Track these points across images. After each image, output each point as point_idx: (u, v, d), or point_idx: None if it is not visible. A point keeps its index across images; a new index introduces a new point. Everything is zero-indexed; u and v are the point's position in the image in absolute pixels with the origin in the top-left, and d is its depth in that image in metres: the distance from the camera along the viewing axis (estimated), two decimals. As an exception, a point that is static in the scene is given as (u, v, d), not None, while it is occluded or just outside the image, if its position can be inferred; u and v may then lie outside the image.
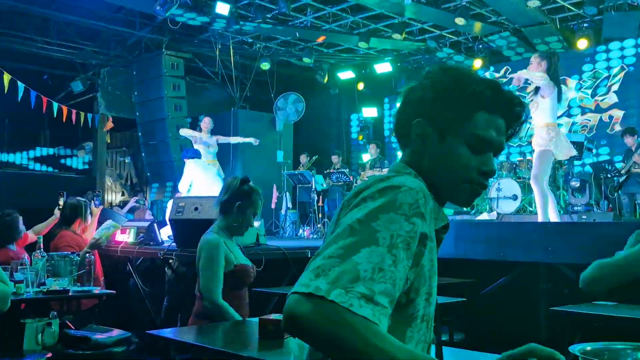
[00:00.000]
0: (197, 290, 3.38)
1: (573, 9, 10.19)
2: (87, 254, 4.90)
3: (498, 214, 8.73)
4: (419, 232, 1.13)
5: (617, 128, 10.52)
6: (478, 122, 1.27)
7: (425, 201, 1.15)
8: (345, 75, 13.89)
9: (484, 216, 8.76)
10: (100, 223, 6.41)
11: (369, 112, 14.21)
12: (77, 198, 5.73)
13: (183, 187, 8.87)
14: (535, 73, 6.10)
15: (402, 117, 1.35)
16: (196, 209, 5.32)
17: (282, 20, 11.29)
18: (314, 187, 10.91)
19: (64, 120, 11.49)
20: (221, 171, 9.58)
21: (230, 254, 3.32)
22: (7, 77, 10.03)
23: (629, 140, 8.92)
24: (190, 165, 8.94)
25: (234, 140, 10.34)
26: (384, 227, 1.08)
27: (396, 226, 1.09)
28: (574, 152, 6.77)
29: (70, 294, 4.48)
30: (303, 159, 12.19)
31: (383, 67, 13.12)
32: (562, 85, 6.49)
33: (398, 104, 1.39)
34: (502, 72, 12.16)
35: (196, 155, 9.06)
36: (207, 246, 3.27)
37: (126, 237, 6.22)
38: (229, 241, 3.38)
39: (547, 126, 6.07)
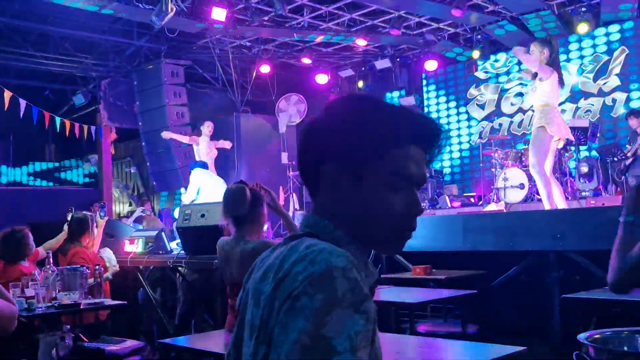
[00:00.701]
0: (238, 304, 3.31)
1: (570, -7, 10.16)
2: (97, 266, 4.93)
3: (506, 203, 8.69)
4: (372, 316, 0.98)
5: (621, 111, 10.47)
6: (395, 157, 1.12)
7: (359, 274, 1.00)
8: (346, 73, 13.88)
9: (492, 207, 8.71)
10: (110, 236, 6.46)
11: (371, 108, 14.20)
12: (83, 212, 5.78)
13: (190, 195, 8.90)
14: (529, 62, 6.11)
15: (307, 160, 1.18)
16: (203, 215, 5.32)
17: (279, 22, 11.29)
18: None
19: (67, 134, 11.54)
20: None
21: None
22: (7, 95, 10.06)
23: (634, 122, 8.89)
24: (196, 172, 8.99)
25: (227, 145, 10.31)
26: (337, 331, 0.92)
27: (349, 324, 0.93)
28: (572, 137, 6.73)
29: (81, 307, 4.50)
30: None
31: (383, 63, 13.09)
32: (563, 71, 6.46)
33: (301, 141, 1.20)
34: (502, 61, 12.14)
35: (204, 166, 9.15)
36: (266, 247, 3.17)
37: (135, 248, 6.24)
38: None
39: (543, 107, 6.04)
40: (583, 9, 10.44)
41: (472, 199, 11.13)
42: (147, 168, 13.42)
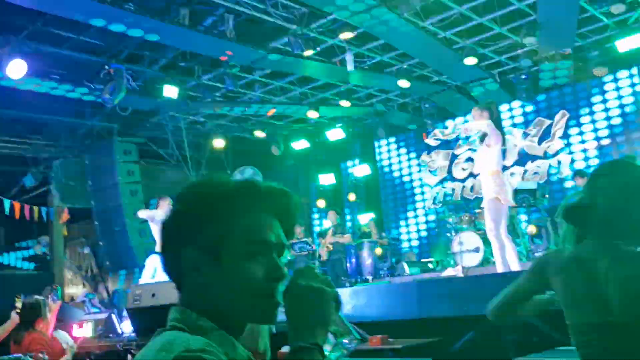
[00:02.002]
0: None
1: (510, 62, 10.60)
2: (41, 354, 4.73)
3: (463, 268, 8.72)
4: None
5: (567, 172, 10.80)
6: (246, 226, 1.17)
7: (217, 351, 1.05)
8: (299, 145, 14.02)
9: (449, 271, 8.74)
10: (59, 320, 6.23)
11: (326, 178, 14.31)
12: (35, 297, 5.61)
13: (146, 278, 8.70)
14: (479, 122, 6.26)
15: (168, 253, 1.22)
16: (153, 295, 5.20)
17: (232, 98, 11.44)
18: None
19: (16, 217, 11.26)
20: None
21: None
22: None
23: (580, 182, 9.13)
24: (153, 257, 8.85)
25: None
26: None
27: None
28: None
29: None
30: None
31: (336, 134, 13.26)
32: (508, 136, 6.66)
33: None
34: (450, 127, 12.45)
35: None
36: None
37: (84, 332, 6.03)
38: None
39: (493, 174, 6.17)
40: (523, 77, 10.88)
41: (430, 265, 11.17)
42: (100, 248, 13.13)
